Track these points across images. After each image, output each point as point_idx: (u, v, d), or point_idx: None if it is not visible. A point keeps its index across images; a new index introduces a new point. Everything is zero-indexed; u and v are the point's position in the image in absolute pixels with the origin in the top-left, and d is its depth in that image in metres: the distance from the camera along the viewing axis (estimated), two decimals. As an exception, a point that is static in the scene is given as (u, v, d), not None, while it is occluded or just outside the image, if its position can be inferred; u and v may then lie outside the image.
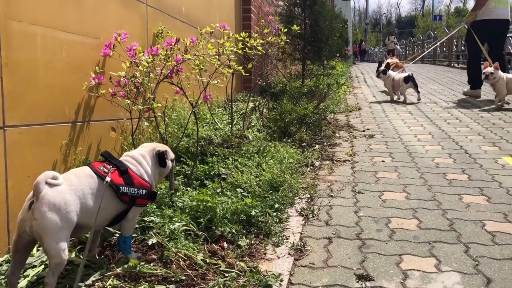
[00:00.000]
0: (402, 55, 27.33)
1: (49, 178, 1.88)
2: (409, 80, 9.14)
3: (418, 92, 9.46)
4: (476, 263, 2.59)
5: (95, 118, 3.21)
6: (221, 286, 2.18)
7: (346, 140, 5.99)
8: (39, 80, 2.63)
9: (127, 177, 2.20)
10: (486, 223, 3.17)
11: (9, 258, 2.29)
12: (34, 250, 2.28)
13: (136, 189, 2.20)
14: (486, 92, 9.88)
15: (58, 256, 1.86)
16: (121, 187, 2.15)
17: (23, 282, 2.08)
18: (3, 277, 2.10)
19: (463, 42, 19.12)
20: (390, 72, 9.55)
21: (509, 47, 15.15)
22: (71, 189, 1.95)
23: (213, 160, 3.84)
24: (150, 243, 2.51)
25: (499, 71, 7.84)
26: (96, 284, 2.13)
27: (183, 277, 2.22)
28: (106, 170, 2.13)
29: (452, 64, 21.04)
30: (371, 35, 53.36)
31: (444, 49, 22.87)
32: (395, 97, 9.73)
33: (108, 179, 2.09)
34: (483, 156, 5.07)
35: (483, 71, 8.19)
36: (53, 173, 1.92)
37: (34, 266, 2.21)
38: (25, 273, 2.14)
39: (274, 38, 4.90)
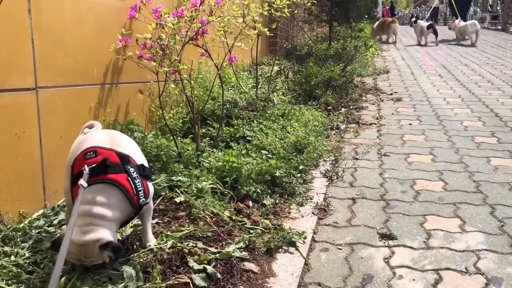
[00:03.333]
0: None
1: None
2: (431, 27, 13.74)
3: (436, 38, 13.89)
4: (502, 224, 2.58)
5: (123, 81, 3.27)
6: (247, 241, 2.25)
7: (373, 104, 5.92)
8: (68, 42, 2.69)
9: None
10: (514, 185, 3.13)
11: (46, 213, 2.42)
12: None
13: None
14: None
15: None
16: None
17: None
18: (42, 230, 2.22)
19: (498, 1, 18.31)
20: (419, 21, 14.26)
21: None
22: None
23: (238, 122, 3.88)
24: (178, 201, 2.59)
25: None
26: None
27: (210, 233, 2.30)
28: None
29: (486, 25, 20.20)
30: (401, -4, 51.43)
31: (479, 9, 21.90)
32: (422, 42, 13.84)
33: None
34: (515, 119, 4.95)
35: None
36: None
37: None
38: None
39: (300, -1, 4.80)
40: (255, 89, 4.83)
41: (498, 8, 21.56)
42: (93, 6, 2.92)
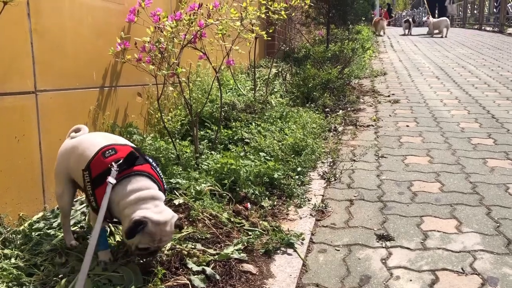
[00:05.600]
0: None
1: None
2: (407, 21, 19.78)
3: (410, 30, 19.30)
4: (498, 225, 2.61)
5: (122, 84, 3.28)
6: (245, 243, 2.27)
7: (370, 105, 5.95)
8: (67, 45, 2.70)
9: None
10: (510, 186, 3.16)
11: (45, 215, 2.43)
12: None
13: None
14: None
15: None
16: None
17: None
18: (41, 232, 2.24)
19: (495, 3, 18.43)
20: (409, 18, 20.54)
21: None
22: None
23: (237, 125, 3.90)
24: (177, 203, 2.61)
25: None
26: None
27: (208, 235, 2.32)
28: None
29: (483, 27, 20.29)
30: (398, -2, 51.54)
31: (476, 11, 21.99)
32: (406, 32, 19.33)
33: None
34: (511, 120, 4.98)
35: None
36: None
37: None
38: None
39: (298, 1, 4.83)
40: (253, 92, 4.85)
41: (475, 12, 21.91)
42: (92, 9, 2.94)
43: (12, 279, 1.86)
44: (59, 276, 1.90)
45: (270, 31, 4.42)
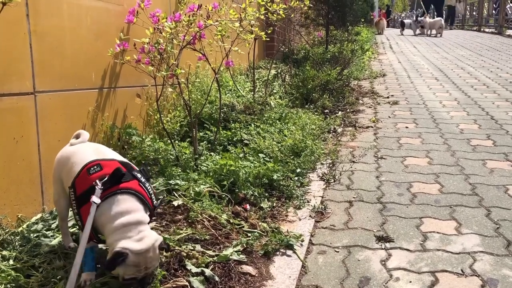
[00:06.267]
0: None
1: None
2: (402, 23, 22.17)
3: (402, 31, 21.01)
4: (497, 226, 2.61)
5: (121, 85, 3.28)
6: (244, 244, 2.27)
7: (369, 107, 5.95)
8: (66, 46, 2.70)
9: None
10: (510, 188, 3.16)
11: (44, 217, 2.43)
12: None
13: None
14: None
15: None
16: None
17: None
18: (40, 234, 2.23)
19: (494, 5, 18.46)
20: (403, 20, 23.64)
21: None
22: None
23: (236, 126, 3.90)
24: (176, 204, 2.61)
25: None
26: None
27: (208, 237, 2.31)
28: None
29: (482, 28, 20.32)
30: (398, 0, 51.50)
31: (474, 13, 22.02)
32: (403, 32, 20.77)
33: None
34: (510, 122, 4.98)
35: None
36: None
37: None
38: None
39: (297, 2, 4.83)
40: (252, 93, 4.85)
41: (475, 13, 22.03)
42: (91, 10, 2.93)
43: (10, 280, 1.85)
44: (58, 278, 1.89)
45: (269, 31, 4.42)
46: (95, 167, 1.86)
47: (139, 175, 1.91)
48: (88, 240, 1.73)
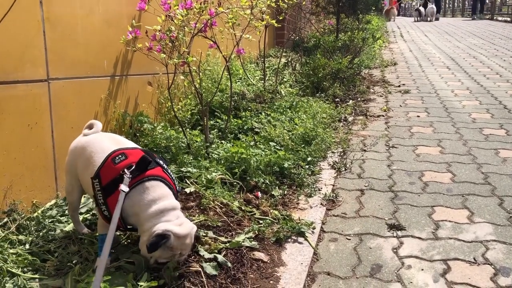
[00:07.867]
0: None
1: None
2: (418, 11, 22.02)
3: (418, 17, 21.87)
4: (510, 215, 2.59)
5: (132, 72, 3.29)
6: (256, 231, 2.28)
7: (380, 96, 5.91)
8: (78, 34, 2.71)
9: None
10: (523, 177, 3.13)
11: (58, 203, 2.46)
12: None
13: None
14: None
15: None
16: None
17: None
18: (54, 219, 2.26)
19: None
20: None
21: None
22: None
23: (246, 114, 3.90)
24: (188, 191, 2.62)
25: None
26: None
27: (220, 223, 2.33)
28: None
29: (495, 17, 20.02)
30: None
31: (487, 1, 21.67)
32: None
33: None
34: (524, 111, 4.93)
35: None
36: None
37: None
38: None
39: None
40: (263, 81, 4.84)
41: None
42: (102, -2, 2.94)
43: (27, 264, 1.89)
44: (73, 262, 1.92)
45: (281, 18, 4.39)
46: (120, 156, 1.86)
47: (161, 162, 1.93)
48: (116, 229, 1.73)
